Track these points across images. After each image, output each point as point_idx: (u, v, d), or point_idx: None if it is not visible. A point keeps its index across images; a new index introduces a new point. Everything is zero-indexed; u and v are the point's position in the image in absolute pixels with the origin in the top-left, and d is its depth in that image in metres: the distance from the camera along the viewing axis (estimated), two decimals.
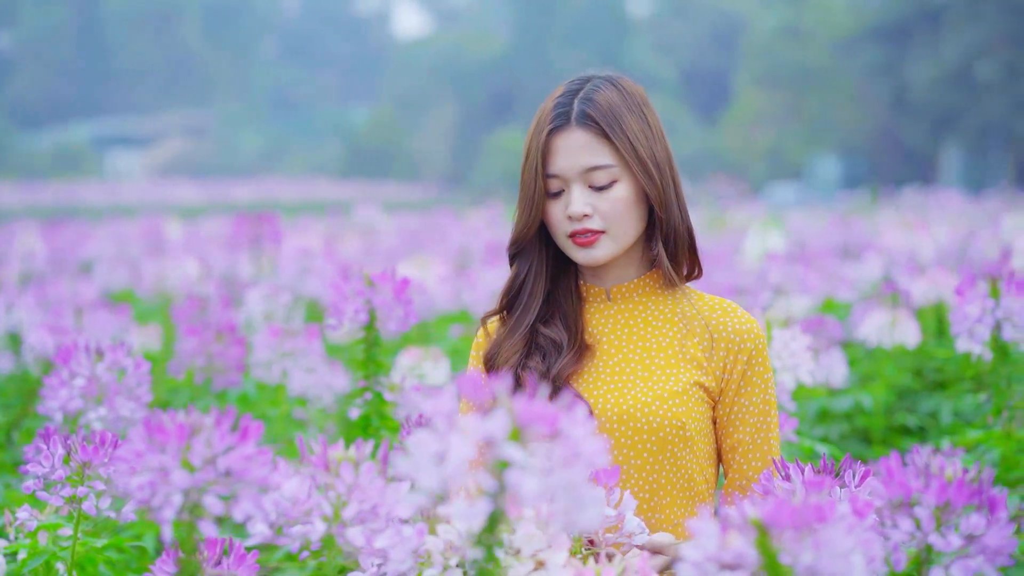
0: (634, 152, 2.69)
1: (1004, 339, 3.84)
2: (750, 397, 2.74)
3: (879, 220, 15.29)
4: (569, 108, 2.73)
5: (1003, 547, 1.92)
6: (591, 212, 2.70)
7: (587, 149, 2.70)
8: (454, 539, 2.17)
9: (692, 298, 2.81)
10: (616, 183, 2.70)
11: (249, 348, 5.16)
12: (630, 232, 2.74)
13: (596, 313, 2.82)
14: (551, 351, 2.75)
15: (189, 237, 13.28)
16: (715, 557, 1.79)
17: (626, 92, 2.75)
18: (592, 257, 2.73)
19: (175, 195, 37.14)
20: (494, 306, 2.92)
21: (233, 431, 1.93)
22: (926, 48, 42.62)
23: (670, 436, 2.68)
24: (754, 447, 2.74)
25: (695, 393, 2.71)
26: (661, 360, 2.74)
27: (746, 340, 2.74)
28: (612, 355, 2.77)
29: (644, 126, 2.72)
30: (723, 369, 2.73)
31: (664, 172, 2.73)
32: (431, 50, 65.04)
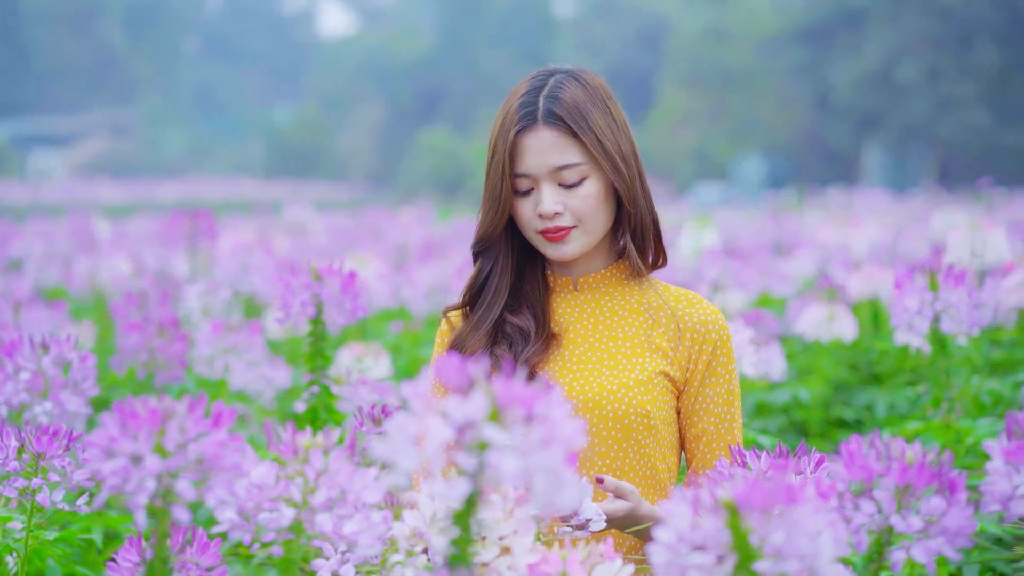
0: (602, 148, 2.71)
1: (943, 331, 3.90)
2: (714, 388, 2.76)
3: (807, 218, 15.47)
4: (535, 107, 2.73)
5: (963, 528, 1.96)
6: (562, 210, 2.72)
7: (555, 148, 2.71)
8: (420, 526, 2.19)
9: (658, 289, 2.84)
10: (586, 180, 2.72)
11: (191, 344, 5.14)
12: (601, 226, 2.77)
13: (563, 303, 2.84)
14: (518, 339, 2.78)
15: (118, 235, 13.17)
16: (687, 538, 1.82)
17: (590, 87, 2.77)
18: (563, 252, 2.76)
19: (99, 194, 36.77)
20: (455, 300, 2.94)
21: (206, 417, 1.94)
22: (849, 50, 43.06)
23: (634, 424, 2.70)
24: (718, 436, 2.77)
25: (660, 382, 2.73)
26: (627, 349, 2.77)
27: (711, 331, 2.77)
28: (579, 344, 2.79)
29: (609, 120, 2.74)
30: (688, 359, 2.76)
31: (631, 164, 2.75)
32: (356, 49, 64.91)
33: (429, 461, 1.70)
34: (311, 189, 43.97)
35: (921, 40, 40.54)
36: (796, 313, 6.28)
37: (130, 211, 22.99)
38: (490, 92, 50.86)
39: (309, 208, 18.00)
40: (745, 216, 18.25)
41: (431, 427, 1.71)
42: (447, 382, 1.73)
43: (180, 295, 6.32)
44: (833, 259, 8.79)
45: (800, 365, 6.30)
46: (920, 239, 9.79)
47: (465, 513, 1.77)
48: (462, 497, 1.73)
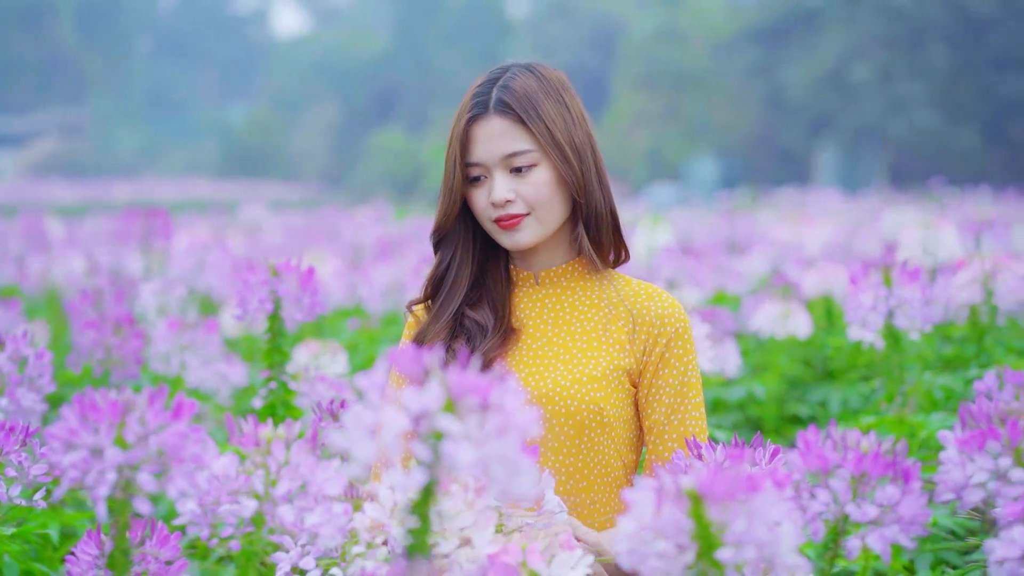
0: (551, 136, 2.73)
1: (896, 327, 3.94)
2: (666, 378, 2.76)
3: (761, 218, 15.55)
4: (487, 97, 2.76)
5: (917, 516, 1.98)
6: (513, 197, 2.74)
7: (505, 136, 2.74)
8: (380, 517, 2.19)
9: (619, 283, 2.85)
10: (536, 167, 2.74)
11: (147, 341, 5.13)
12: (554, 215, 2.78)
13: (524, 297, 2.86)
14: (476, 334, 2.79)
15: (71, 235, 13.10)
16: (650, 526, 1.84)
17: (544, 78, 2.79)
18: (517, 240, 2.77)
19: (51, 194, 36.53)
20: (416, 295, 2.95)
21: (166, 409, 1.94)
22: (801, 50, 43.28)
23: (587, 420, 2.71)
24: (669, 427, 2.76)
25: (615, 378, 2.74)
26: (583, 344, 2.78)
27: (667, 323, 2.78)
28: (537, 338, 2.81)
29: (562, 110, 2.76)
30: (643, 351, 2.76)
31: (584, 156, 2.77)
32: (310, 49, 64.76)
33: (386, 451, 1.71)
34: (265, 189, 43.83)
35: (873, 41, 40.79)
36: (751, 310, 6.32)
37: (83, 211, 22.85)
38: (444, 92, 50.84)
39: (264, 208, 17.95)
40: (699, 216, 18.33)
41: (387, 418, 1.72)
42: (403, 372, 1.74)
43: (135, 293, 6.29)
44: (787, 257, 8.86)
45: (755, 362, 6.33)
46: (873, 237, 9.86)
47: (423, 503, 1.78)
48: (419, 487, 1.74)
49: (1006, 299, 4.58)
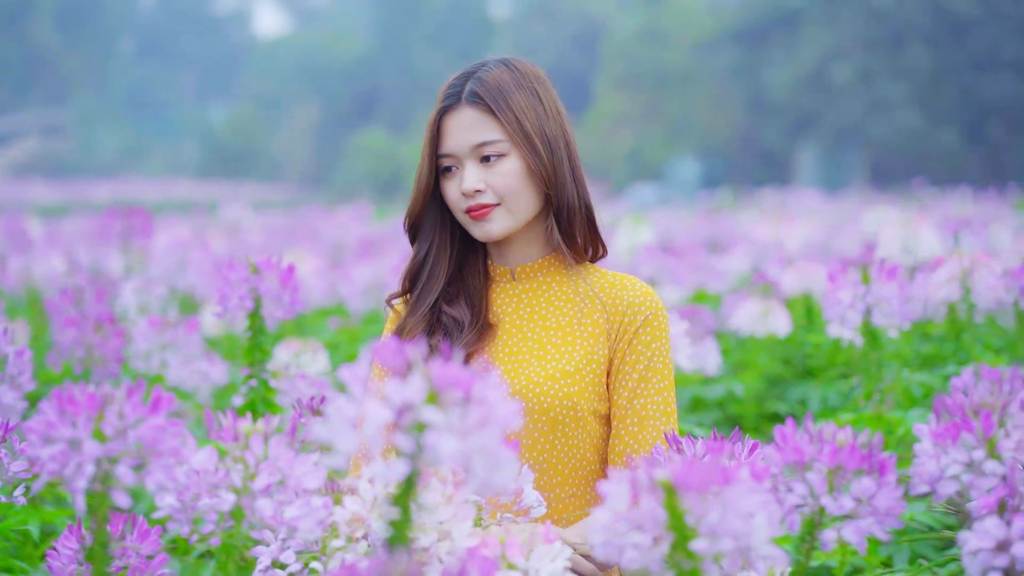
0: (520, 127, 2.75)
1: (874, 324, 3.96)
2: (632, 363, 2.76)
3: (742, 217, 15.59)
4: (461, 89, 2.80)
5: (892, 509, 2.00)
6: (483, 187, 2.77)
7: (476, 126, 2.77)
8: (360, 511, 2.20)
9: (595, 277, 2.86)
10: (505, 157, 2.77)
11: (127, 340, 5.12)
12: (525, 206, 2.79)
13: (501, 292, 2.87)
14: (453, 329, 2.80)
15: (52, 235, 13.08)
16: (625, 517, 1.85)
17: (518, 71, 2.82)
18: (488, 231, 2.79)
19: (32, 195, 36.41)
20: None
21: (144, 403, 1.95)
22: (783, 51, 43.39)
23: (560, 415, 2.72)
24: (631, 411, 2.75)
25: (590, 371, 2.75)
26: (557, 339, 2.79)
27: (639, 311, 2.79)
28: (513, 334, 2.82)
29: (535, 103, 2.79)
30: (616, 340, 2.77)
31: (556, 149, 2.78)
32: (292, 50, 64.70)
33: (368, 444, 1.72)
34: (246, 189, 43.76)
35: (855, 41, 40.92)
36: (731, 309, 6.34)
37: (63, 211, 22.80)
38: (426, 92, 50.81)
39: (246, 207, 17.94)
40: (680, 215, 18.38)
41: (370, 410, 1.73)
42: (385, 364, 1.75)
43: (116, 292, 6.29)
44: (767, 256, 8.89)
45: (735, 360, 6.36)
46: (853, 236, 9.90)
47: (404, 495, 1.79)
48: (401, 478, 1.75)
49: (984, 297, 4.60)
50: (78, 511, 1.90)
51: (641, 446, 2.71)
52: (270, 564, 2.32)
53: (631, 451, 2.72)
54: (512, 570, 2.04)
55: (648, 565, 1.86)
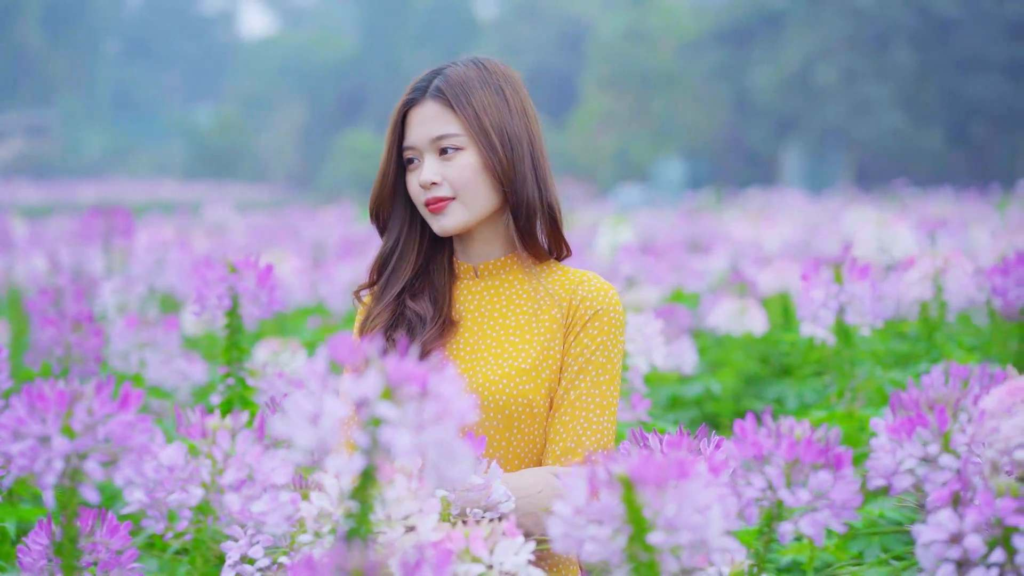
0: (478, 122, 2.79)
1: (847, 323, 4.00)
2: (576, 356, 2.78)
3: (725, 217, 15.65)
4: (427, 84, 2.85)
5: (848, 502, 2.03)
6: (439, 180, 2.80)
7: (436, 119, 2.81)
8: (327, 506, 2.23)
9: (556, 274, 2.89)
10: (462, 151, 2.80)
11: (106, 339, 5.15)
12: (480, 201, 2.82)
13: (465, 290, 2.90)
14: (416, 324, 2.84)
15: (35, 235, 13.07)
16: (583, 511, 1.88)
17: (486, 70, 2.86)
18: (443, 225, 2.82)
19: (17, 195, 36.32)
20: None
21: (113, 399, 1.98)
22: (767, 52, 43.47)
23: (516, 412, 2.75)
24: (565, 402, 2.77)
25: (545, 368, 2.77)
26: (515, 337, 2.82)
27: (590, 305, 2.80)
28: (473, 331, 2.85)
29: (498, 100, 2.82)
30: (567, 333, 2.80)
31: (516, 147, 2.81)
32: (278, 50, 64.66)
33: (326, 438, 1.76)
34: (232, 190, 43.71)
35: (839, 42, 41.00)
36: (709, 308, 6.38)
37: (47, 212, 22.77)
38: None
39: (229, 208, 17.95)
40: (664, 216, 18.42)
41: (328, 405, 1.77)
42: (341, 360, 1.78)
43: (96, 291, 6.31)
44: (746, 256, 8.92)
45: (712, 359, 6.40)
46: (833, 236, 9.95)
47: (362, 488, 1.82)
48: (358, 472, 1.78)
49: (956, 296, 4.64)
50: (47, 506, 1.92)
51: (571, 436, 2.73)
52: (239, 559, 2.35)
53: (562, 441, 2.74)
54: (476, 563, 2.07)
55: (608, 558, 1.89)
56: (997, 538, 1.92)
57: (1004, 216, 13.22)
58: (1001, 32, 39.51)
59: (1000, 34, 39.50)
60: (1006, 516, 1.91)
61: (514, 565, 2.08)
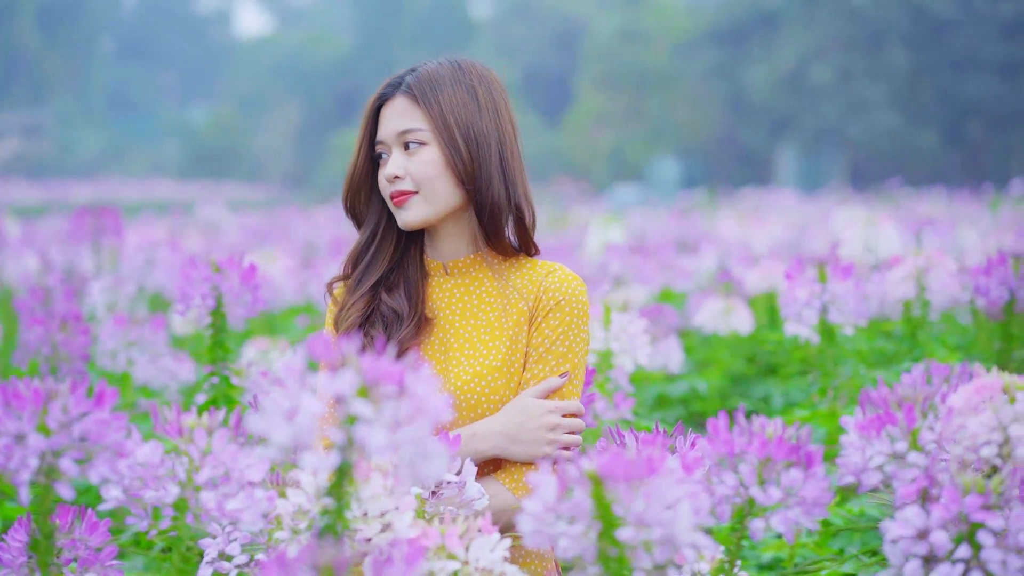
0: (443, 118, 2.81)
1: (830, 322, 4.02)
2: (537, 345, 2.80)
3: (718, 216, 15.67)
4: (399, 80, 2.88)
5: (819, 499, 2.05)
6: (402, 174, 2.82)
7: (403, 114, 2.84)
8: (304, 503, 2.25)
9: (524, 268, 2.90)
10: (425, 146, 2.82)
11: (94, 338, 5.16)
12: (441, 196, 2.83)
13: (436, 287, 2.92)
14: (392, 320, 2.85)
15: (29, 234, 13.09)
16: (553, 507, 1.90)
17: (461, 69, 2.88)
18: (405, 219, 2.84)
19: (11, 195, 36.30)
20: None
21: (89, 397, 1.99)
22: (762, 52, 43.50)
23: (488, 410, 2.77)
24: (528, 386, 2.79)
25: (514, 363, 2.80)
26: (485, 335, 2.83)
27: (553, 295, 2.82)
28: (445, 329, 2.87)
29: (469, 100, 2.84)
30: (532, 322, 2.82)
31: (483, 146, 2.82)
32: (274, 50, 64.64)
33: (302, 435, 1.77)
34: (227, 190, 43.69)
35: (833, 42, 41.04)
36: (696, 307, 6.40)
37: (42, 211, 22.77)
38: None
39: (222, 208, 17.96)
40: (656, 215, 18.45)
41: (304, 403, 1.78)
42: (319, 358, 1.80)
43: (86, 291, 6.32)
44: (734, 255, 8.94)
45: (699, 358, 6.42)
46: (822, 236, 9.97)
47: (337, 485, 1.84)
48: (332, 469, 1.80)
49: (938, 295, 4.66)
50: (22, 503, 1.94)
51: None
52: (217, 556, 2.36)
53: None
54: (451, 560, 2.09)
55: (580, 554, 1.91)
56: (963, 534, 1.94)
57: (996, 216, 13.24)
58: (996, 32, 39.55)
59: (995, 34, 39.54)
60: (972, 512, 1.93)
61: (489, 562, 2.10)
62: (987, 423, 2.09)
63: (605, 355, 4.12)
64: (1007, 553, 1.92)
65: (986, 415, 2.09)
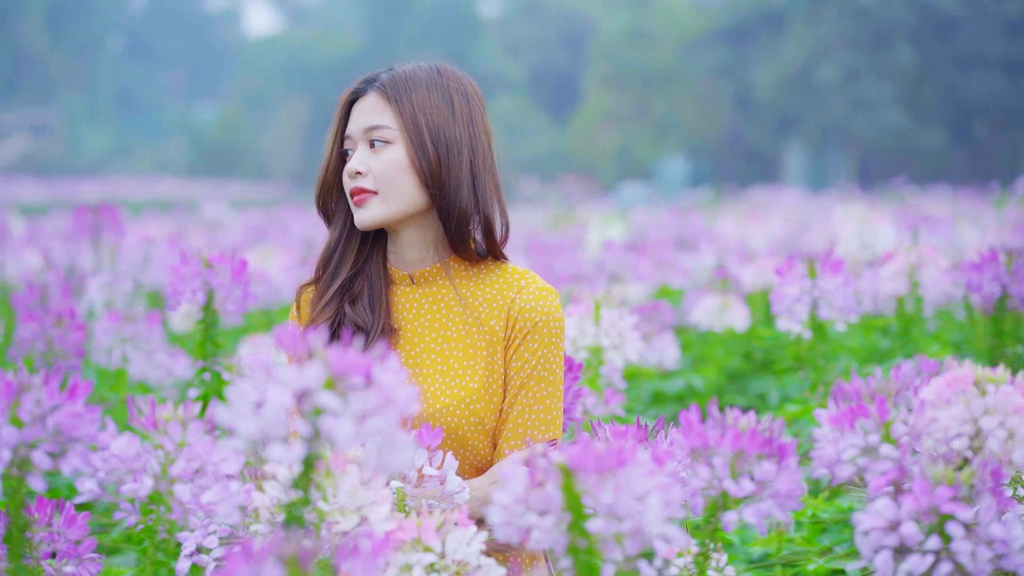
0: (413, 120, 2.79)
1: (820, 318, 4.02)
2: (516, 370, 2.78)
3: (719, 214, 15.68)
4: (374, 77, 2.88)
5: (792, 491, 2.05)
6: (364, 170, 2.80)
7: (372, 111, 2.82)
8: (281, 496, 2.26)
9: (494, 275, 2.86)
10: (391, 145, 2.79)
11: (89, 335, 5.17)
12: (401, 197, 2.79)
13: (402, 296, 2.87)
14: (357, 333, 2.81)
15: (33, 232, 13.12)
16: (523, 499, 1.91)
17: (439, 74, 2.86)
18: (362, 217, 2.80)
19: (18, 193, 36.35)
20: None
21: (62, 390, 2.00)
22: (768, 50, 43.49)
23: (469, 433, 2.75)
24: (509, 419, 2.78)
25: (493, 383, 2.78)
26: (459, 352, 2.80)
27: (529, 316, 2.79)
28: (415, 344, 2.83)
29: (442, 104, 2.82)
30: (507, 344, 2.79)
31: (452, 152, 2.79)
32: (281, 49, 64.67)
33: (268, 427, 1.78)
34: (233, 188, 43.73)
35: (839, 41, 41.01)
36: (693, 304, 6.41)
37: (47, 210, 22.80)
38: None
39: (226, 206, 17.99)
40: (659, 213, 18.46)
41: (271, 394, 1.79)
42: (286, 351, 1.81)
43: (84, 287, 6.34)
44: (732, 253, 8.95)
45: (696, 354, 6.42)
46: (822, 234, 9.98)
47: (304, 476, 1.85)
48: (298, 461, 1.81)
49: (931, 291, 4.66)
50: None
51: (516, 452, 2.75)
52: (195, 549, 2.37)
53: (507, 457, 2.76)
54: (428, 552, 2.09)
55: (552, 546, 1.92)
56: (933, 525, 1.94)
57: (1001, 214, 13.23)
58: (1002, 30, 39.50)
59: (1001, 32, 39.49)
60: (941, 504, 1.93)
61: (466, 555, 2.10)
62: (958, 416, 2.09)
63: (595, 351, 4.12)
64: (977, 544, 1.92)
65: (957, 408, 2.09)
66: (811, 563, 3.39)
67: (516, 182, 38.58)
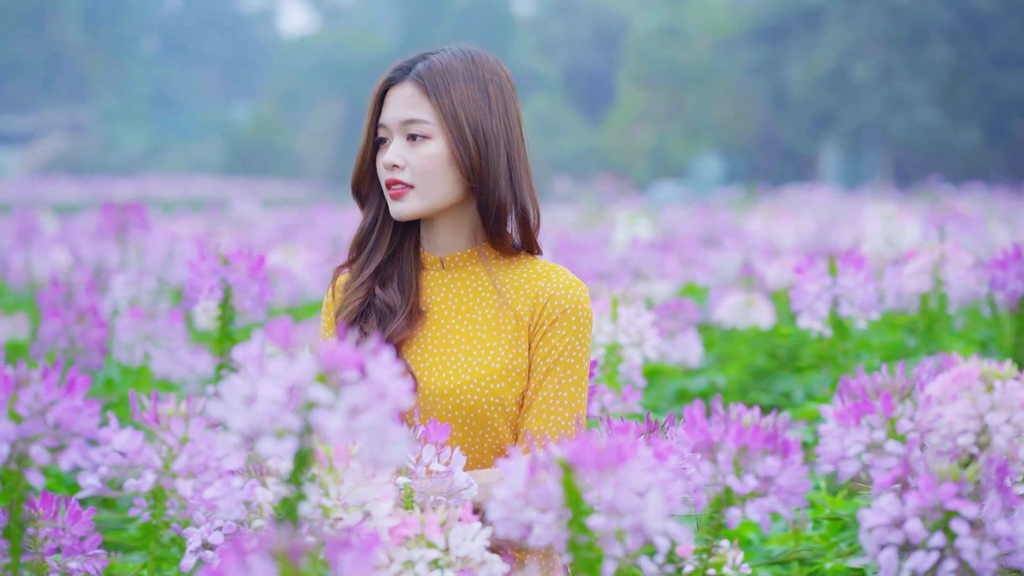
0: (453, 113, 2.77)
1: (841, 315, 4.00)
2: (543, 356, 2.78)
3: (752, 213, 15.63)
4: (410, 66, 2.84)
5: (796, 487, 2.04)
6: (402, 164, 2.79)
7: (409, 103, 2.80)
8: (284, 491, 2.25)
9: (525, 267, 2.87)
10: (430, 140, 2.79)
11: (112, 332, 5.18)
12: (440, 192, 2.80)
13: (432, 281, 2.89)
14: (386, 314, 2.83)
15: (64, 231, 13.19)
16: (522, 495, 1.89)
17: (475, 63, 2.84)
18: (399, 210, 2.81)
19: (54, 193, 36.54)
20: None
21: (60, 385, 2.00)
22: (804, 49, 43.33)
23: (489, 412, 2.75)
24: (534, 403, 2.78)
25: (515, 366, 2.77)
26: (483, 333, 2.81)
27: (558, 303, 2.79)
28: (441, 325, 2.84)
29: (479, 96, 2.80)
30: (534, 330, 2.80)
31: (492, 145, 2.79)
32: (316, 47, 64.85)
33: (260, 421, 1.77)
34: (268, 187, 43.84)
35: (875, 39, 40.83)
36: (718, 302, 6.38)
37: (79, 208, 22.91)
38: None
39: (257, 204, 18.03)
40: (690, 212, 18.43)
41: (262, 388, 1.78)
42: (276, 344, 1.80)
43: (110, 285, 6.36)
44: (758, 251, 8.91)
45: (720, 352, 6.39)
46: (849, 232, 9.93)
47: (297, 472, 1.84)
48: (290, 455, 1.80)
49: (955, 288, 4.62)
50: None
51: (539, 438, 2.73)
52: (200, 545, 2.37)
53: None
54: (431, 548, 2.08)
55: (552, 542, 1.90)
56: (938, 522, 1.92)
57: None
58: None
59: None
60: (946, 501, 1.91)
61: (470, 550, 2.09)
62: (964, 412, 2.07)
63: (612, 348, 4.11)
64: (982, 541, 1.90)
65: (963, 404, 2.07)
66: (829, 561, 3.37)
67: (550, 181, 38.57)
